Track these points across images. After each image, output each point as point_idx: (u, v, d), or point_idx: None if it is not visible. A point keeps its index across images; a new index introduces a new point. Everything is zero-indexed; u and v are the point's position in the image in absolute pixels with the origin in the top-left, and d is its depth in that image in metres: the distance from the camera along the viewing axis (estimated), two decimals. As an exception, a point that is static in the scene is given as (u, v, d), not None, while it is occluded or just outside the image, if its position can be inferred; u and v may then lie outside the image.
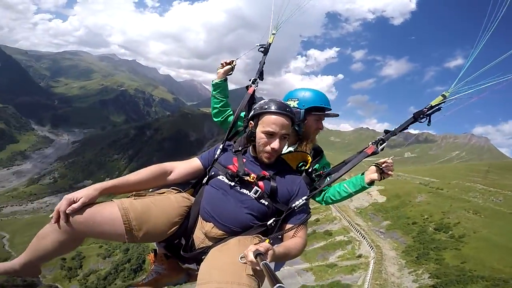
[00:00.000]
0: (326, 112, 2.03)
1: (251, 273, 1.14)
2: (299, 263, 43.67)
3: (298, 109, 1.96)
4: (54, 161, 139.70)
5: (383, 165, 1.73)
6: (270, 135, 1.54)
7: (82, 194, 1.23)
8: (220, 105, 2.25)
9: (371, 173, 1.77)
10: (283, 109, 1.56)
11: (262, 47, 2.35)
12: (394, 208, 54.25)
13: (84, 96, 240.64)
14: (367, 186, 1.81)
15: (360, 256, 43.36)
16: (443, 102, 1.64)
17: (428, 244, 42.27)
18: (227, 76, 2.28)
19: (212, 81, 2.29)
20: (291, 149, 1.97)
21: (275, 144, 1.53)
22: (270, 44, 2.37)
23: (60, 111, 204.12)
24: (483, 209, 49.24)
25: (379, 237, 47.36)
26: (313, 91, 2.03)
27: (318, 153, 2.05)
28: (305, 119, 1.99)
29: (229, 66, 2.24)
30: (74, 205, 1.19)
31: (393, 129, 1.80)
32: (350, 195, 1.90)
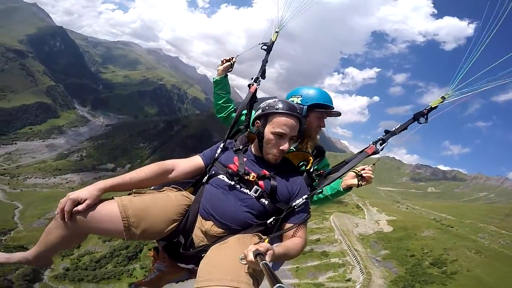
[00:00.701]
0: (328, 110, 2.04)
1: (250, 271, 1.15)
2: (289, 277, 45.12)
3: (301, 105, 1.97)
4: (85, 140, 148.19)
5: (362, 172, 1.72)
6: (280, 136, 1.55)
7: (87, 196, 1.27)
8: (222, 101, 2.32)
9: (349, 179, 1.77)
10: (294, 110, 1.57)
11: (264, 45, 2.32)
12: (397, 239, 54.36)
13: (126, 85, 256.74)
14: (342, 191, 1.82)
15: (349, 280, 44.65)
16: (442, 103, 1.67)
17: (419, 277, 43.17)
18: (227, 73, 2.35)
19: (213, 78, 2.36)
20: (292, 147, 1.94)
21: (285, 145, 1.55)
22: (273, 42, 2.34)
23: (102, 95, 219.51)
24: (486, 249, 48.62)
25: (374, 265, 48.23)
26: (317, 89, 2.06)
27: (320, 153, 2.05)
28: (307, 116, 2.00)
29: (228, 63, 2.31)
30: (79, 208, 1.24)
31: (393, 129, 1.77)
32: (326, 199, 1.91)
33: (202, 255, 1.38)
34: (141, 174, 1.52)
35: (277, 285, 0.79)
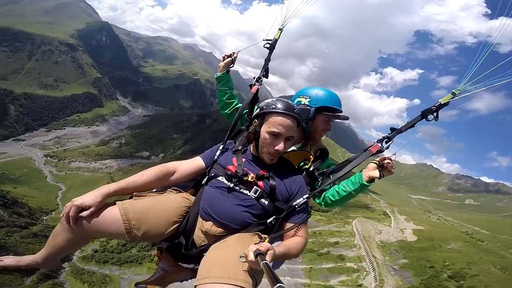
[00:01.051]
0: (336, 114, 1.97)
1: (249, 269, 1.16)
2: (301, 277, 44.70)
3: (308, 107, 1.93)
4: (125, 128, 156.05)
5: (383, 162, 1.67)
6: (275, 136, 1.53)
7: (91, 203, 1.31)
8: (225, 97, 2.27)
9: (370, 170, 1.70)
10: (291, 110, 1.54)
11: (268, 43, 2.28)
12: (420, 249, 52.81)
13: (163, 78, 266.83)
14: (366, 183, 1.72)
15: (360, 285, 43.54)
16: (453, 99, 1.60)
17: (433, 289, 41.56)
18: (229, 69, 2.30)
19: (215, 74, 2.32)
20: (294, 148, 1.94)
21: (280, 145, 1.53)
22: (276, 40, 2.29)
23: (141, 87, 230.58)
24: (512, 266, 46.48)
25: (389, 273, 47.15)
26: (326, 91, 1.99)
27: (324, 154, 2.01)
28: (314, 118, 1.95)
29: (229, 59, 2.28)
30: (83, 214, 1.29)
31: (399, 127, 1.71)
32: (350, 195, 1.81)
33: (203, 254, 1.39)
34: (144, 178, 1.53)
35: (278, 285, 0.78)
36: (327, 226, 63.91)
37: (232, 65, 2.29)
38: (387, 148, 1.70)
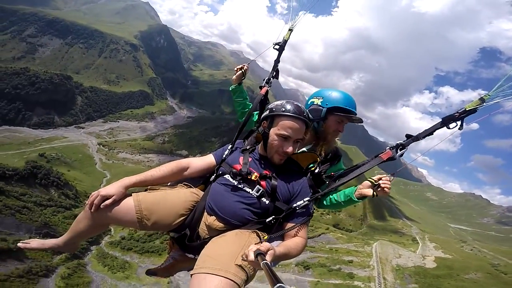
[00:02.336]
0: (349, 115, 1.94)
1: (240, 263, 1.22)
2: None
3: (320, 107, 1.95)
4: (170, 127, 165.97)
5: (379, 181, 1.64)
6: (284, 138, 1.58)
7: (114, 192, 1.47)
8: (241, 107, 2.43)
9: (364, 188, 1.70)
10: (300, 114, 1.59)
11: (277, 45, 2.32)
12: (435, 276, 51.46)
13: (209, 83, 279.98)
14: (355, 199, 1.74)
15: None
16: (481, 106, 1.46)
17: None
18: (241, 81, 2.44)
19: (229, 87, 2.46)
20: (304, 149, 1.96)
21: (289, 148, 1.59)
22: (286, 41, 2.32)
23: (189, 90, 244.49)
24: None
25: None
26: (341, 92, 1.99)
27: (336, 156, 2.01)
28: (326, 118, 1.95)
29: (240, 72, 2.40)
30: (107, 202, 1.45)
31: (416, 134, 1.64)
32: (339, 205, 1.83)
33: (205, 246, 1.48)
34: (160, 172, 1.68)
35: (278, 285, 0.78)
36: (346, 244, 61.59)
37: (244, 77, 2.40)
38: (401, 156, 1.62)
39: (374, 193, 1.64)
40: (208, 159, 1.85)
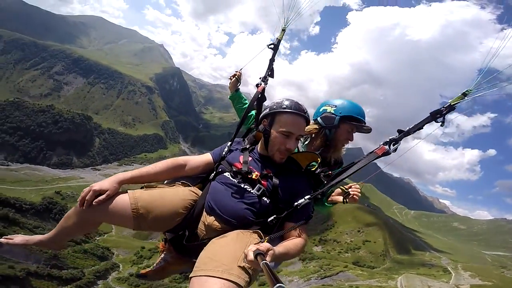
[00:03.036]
0: (360, 124, 2.02)
1: (243, 265, 1.18)
2: None
3: (334, 115, 2.00)
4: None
5: (349, 190, 1.73)
6: (287, 135, 1.58)
7: (108, 187, 1.40)
8: (244, 113, 2.29)
9: (336, 195, 1.81)
10: (301, 110, 1.60)
11: (272, 44, 2.30)
12: None
13: (220, 126, 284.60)
14: (327, 204, 1.88)
15: None
16: (463, 100, 1.56)
17: None
18: (238, 87, 2.52)
19: (229, 97, 2.54)
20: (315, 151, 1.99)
21: (291, 144, 1.58)
22: (279, 40, 2.30)
23: (201, 133, 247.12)
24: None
25: None
26: (352, 102, 2.05)
27: (337, 163, 2.07)
28: (338, 127, 2.00)
29: (234, 79, 2.50)
30: (101, 198, 1.37)
31: (407, 128, 1.65)
32: (325, 206, 1.96)
33: (203, 247, 1.42)
34: (156, 169, 1.63)
35: (278, 285, 0.78)
36: (367, 280, 55.69)
37: (239, 83, 2.48)
38: (394, 151, 1.64)
39: (345, 200, 1.71)
40: (206, 157, 1.81)
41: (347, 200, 1.72)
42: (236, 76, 2.48)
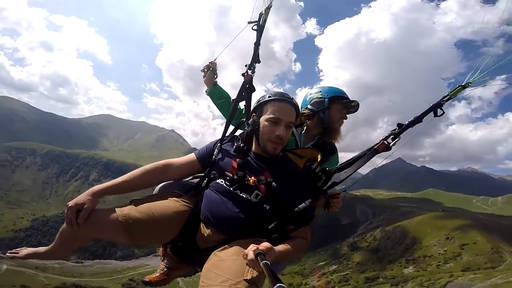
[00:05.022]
0: (347, 101, 2.02)
1: (249, 277, 1.12)
2: None
3: (322, 98, 1.99)
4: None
5: (331, 200, 1.67)
6: (275, 122, 1.47)
7: (83, 200, 1.32)
8: (227, 108, 2.05)
9: (318, 201, 1.69)
10: (287, 96, 1.53)
11: (255, 25, 1.97)
12: None
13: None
14: None
15: None
16: (462, 92, 1.55)
17: None
18: (215, 81, 2.15)
19: (206, 92, 2.18)
20: (314, 139, 2.02)
21: (280, 130, 1.46)
22: (265, 20, 1.97)
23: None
24: None
25: None
26: (332, 86, 2.08)
27: (331, 149, 2.02)
28: (330, 108, 1.99)
29: (209, 71, 2.12)
30: (82, 215, 1.29)
31: (406, 122, 1.61)
32: None
33: (205, 258, 1.36)
34: (134, 175, 1.50)
35: (278, 284, 0.78)
36: (486, 281, 48.42)
37: (216, 76, 2.12)
38: (394, 145, 1.60)
39: (326, 208, 1.67)
40: (189, 158, 1.65)
41: (328, 208, 1.67)
42: (210, 68, 2.10)
